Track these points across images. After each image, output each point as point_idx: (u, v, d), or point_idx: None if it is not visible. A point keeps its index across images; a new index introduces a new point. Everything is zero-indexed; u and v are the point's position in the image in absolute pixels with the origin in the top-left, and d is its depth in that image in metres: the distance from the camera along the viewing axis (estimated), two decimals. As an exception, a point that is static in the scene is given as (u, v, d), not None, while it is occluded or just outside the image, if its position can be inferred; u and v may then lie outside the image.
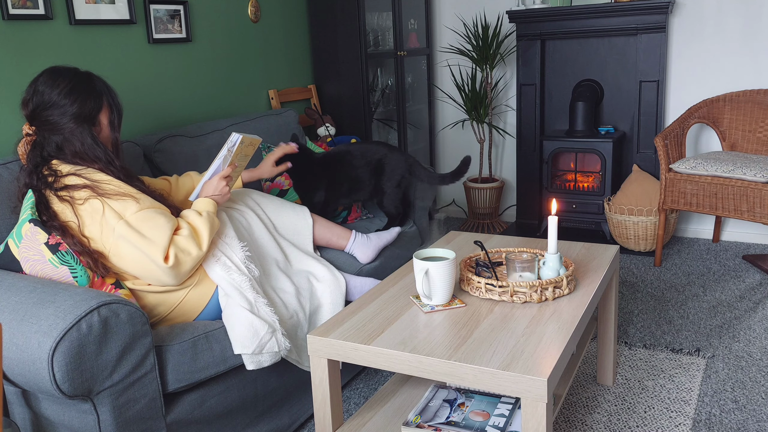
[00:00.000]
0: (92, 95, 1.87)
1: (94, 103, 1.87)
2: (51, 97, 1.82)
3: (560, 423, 2.07)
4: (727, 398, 2.17)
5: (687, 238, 3.85)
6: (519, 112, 3.99)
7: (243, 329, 1.81)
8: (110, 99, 1.92)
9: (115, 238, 1.75)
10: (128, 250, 1.76)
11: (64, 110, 1.82)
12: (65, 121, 1.82)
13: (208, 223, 1.89)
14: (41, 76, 1.85)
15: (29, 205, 1.76)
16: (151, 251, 1.75)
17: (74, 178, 1.78)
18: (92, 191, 1.76)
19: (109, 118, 1.92)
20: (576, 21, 3.71)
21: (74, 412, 1.56)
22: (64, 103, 1.82)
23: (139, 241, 1.75)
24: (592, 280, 1.89)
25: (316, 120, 3.51)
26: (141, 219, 1.77)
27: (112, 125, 1.93)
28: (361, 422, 1.73)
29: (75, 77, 1.86)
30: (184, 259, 1.81)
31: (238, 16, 3.22)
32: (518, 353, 1.47)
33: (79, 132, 1.83)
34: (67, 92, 1.82)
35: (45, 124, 1.83)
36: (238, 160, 2.10)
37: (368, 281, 2.25)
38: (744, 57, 3.53)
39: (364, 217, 2.87)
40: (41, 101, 1.82)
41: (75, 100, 1.83)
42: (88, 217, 1.76)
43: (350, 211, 2.82)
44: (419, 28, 4.20)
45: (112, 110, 1.93)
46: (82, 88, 1.85)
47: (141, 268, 1.78)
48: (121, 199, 1.77)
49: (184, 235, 1.83)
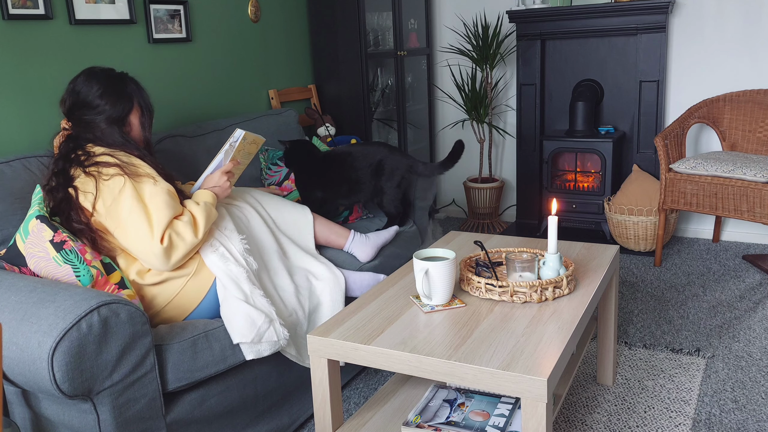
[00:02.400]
0: (123, 98, 1.97)
1: (125, 105, 1.98)
2: (86, 98, 1.93)
3: (560, 423, 2.07)
4: (727, 398, 2.17)
5: (687, 238, 3.85)
6: (519, 112, 4.00)
7: (240, 319, 1.83)
8: (141, 100, 2.03)
9: (128, 212, 1.82)
10: (133, 224, 1.82)
11: (98, 111, 1.94)
12: (98, 121, 1.94)
13: (205, 212, 1.94)
14: (79, 76, 1.97)
15: (37, 201, 1.80)
16: (148, 228, 1.81)
17: (107, 157, 1.88)
18: (121, 170, 1.85)
19: (140, 119, 2.02)
20: (576, 21, 3.71)
21: (74, 412, 1.56)
22: (97, 104, 1.94)
23: (139, 213, 1.81)
24: (592, 280, 1.89)
25: (316, 120, 3.51)
26: (151, 194, 1.85)
27: (142, 125, 2.04)
28: (361, 422, 1.73)
29: (108, 79, 1.97)
30: (178, 243, 1.85)
31: (238, 16, 3.22)
32: (518, 353, 1.47)
33: (109, 132, 1.94)
34: (101, 94, 1.94)
35: (79, 122, 1.95)
36: (241, 157, 2.11)
37: (367, 276, 2.26)
38: (744, 57, 3.53)
39: (364, 216, 2.87)
40: (77, 101, 1.94)
41: (107, 103, 1.94)
42: (107, 190, 1.83)
43: (352, 210, 2.82)
44: (419, 28, 4.20)
45: (143, 112, 2.03)
46: (114, 90, 1.96)
47: (137, 244, 1.83)
48: (143, 180, 1.87)
49: (184, 221, 1.89)
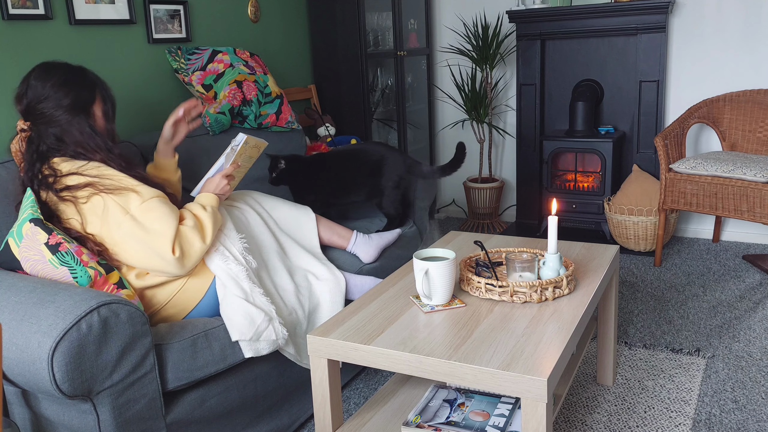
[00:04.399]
0: (85, 87, 1.90)
1: (88, 95, 1.90)
2: (44, 90, 1.84)
3: (560, 423, 2.07)
4: (727, 398, 2.17)
5: (687, 238, 3.85)
6: (519, 112, 4.00)
7: (239, 317, 1.82)
8: (103, 91, 1.95)
9: (122, 235, 1.77)
10: (135, 247, 1.78)
11: (58, 102, 1.84)
12: (60, 112, 1.84)
13: (212, 217, 1.91)
14: (34, 71, 1.87)
15: (29, 204, 1.76)
16: (157, 244, 1.77)
17: (75, 177, 1.79)
18: (94, 188, 1.78)
19: (102, 109, 1.94)
20: (576, 21, 3.71)
21: (74, 412, 1.56)
22: (57, 96, 1.84)
23: (145, 236, 1.77)
24: (592, 280, 1.89)
25: (316, 120, 3.51)
26: (145, 211, 1.79)
27: (106, 116, 1.95)
28: (361, 422, 1.73)
29: (67, 70, 1.89)
30: (189, 250, 1.83)
31: (238, 16, 3.22)
32: (518, 353, 1.47)
33: (76, 122, 1.85)
34: (60, 84, 1.85)
35: (40, 118, 1.85)
36: (242, 160, 2.10)
37: (368, 280, 2.25)
38: (744, 57, 3.53)
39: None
40: (35, 95, 1.84)
41: (68, 92, 1.85)
42: (91, 214, 1.78)
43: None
44: (419, 28, 4.20)
45: (105, 102, 1.95)
46: (75, 80, 1.88)
47: (147, 262, 1.80)
48: (123, 193, 1.79)
49: (189, 225, 1.85)
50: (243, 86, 2.76)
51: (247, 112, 2.78)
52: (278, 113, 2.90)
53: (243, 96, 2.75)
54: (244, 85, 2.77)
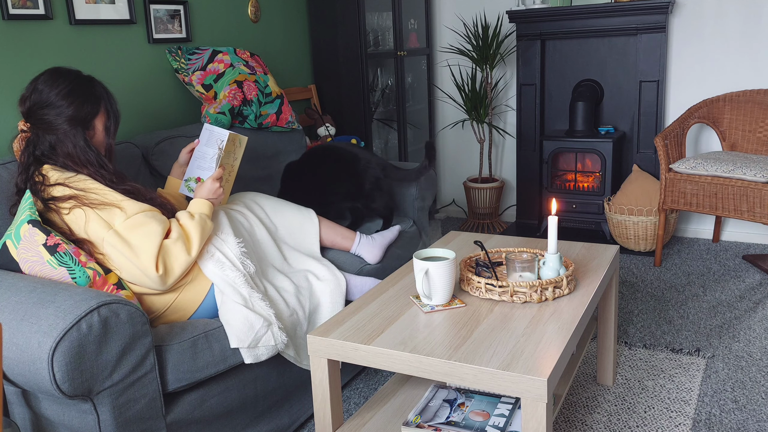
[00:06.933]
0: (90, 99, 1.88)
1: (91, 108, 1.88)
2: (49, 97, 1.82)
3: (560, 423, 2.07)
4: (727, 398, 2.17)
5: (687, 238, 3.85)
6: (519, 112, 4.00)
7: (239, 324, 1.82)
8: (108, 105, 1.93)
9: (106, 247, 1.77)
10: (119, 260, 1.78)
11: (60, 111, 1.82)
12: (60, 122, 1.83)
13: (200, 226, 1.89)
14: (43, 75, 1.86)
15: (27, 206, 1.76)
16: (140, 261, 1.76)
17: (61, 188, 1.79)
18: (77, 201, 1.77)
19: (105, 123, 1.92)
20: (576, 21, 3.71)
21: (74, 412, 1.56)
22: (61, 104, 1.82)
23: (128, 251, 1.76)
24: (592, 280, 1.89)
25: (316, 120, 3.51)
26: (130, 227, 1.78)
27: (107, 131, 1.93)
28: (361, 422, 1.73)
29: (75, 80, 1.87)
30: (172, 266, 1.81)
31: (238, 16, 3.22)
32: (518, 353, 1.47)
33: (72, 134, 1.83)
34: (66, 94, 1.83)
35: (40, 123, 1.84)
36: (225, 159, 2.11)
37: (368, 281, 2.25)
38: (744, 57, 3.53)
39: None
40: (39, 99, 1.83)
41: (72, 103, 1.83)
42: (74, 225, 1.78)
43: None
44: (419, 28, 4.20)
45: (109, 116, 1.93)
46: (81, 91, 1.86)
47: (131, 276, 1.80)
48: (106, 209, 1.78)
49: (173, 238, 1.83)
50: (243, 86, 2.76)
51: (247, 112, 2.78)
52: (278, 113, 2.90)
53: (243, 96, 2.76)
54: (245, 85, 2.77)
